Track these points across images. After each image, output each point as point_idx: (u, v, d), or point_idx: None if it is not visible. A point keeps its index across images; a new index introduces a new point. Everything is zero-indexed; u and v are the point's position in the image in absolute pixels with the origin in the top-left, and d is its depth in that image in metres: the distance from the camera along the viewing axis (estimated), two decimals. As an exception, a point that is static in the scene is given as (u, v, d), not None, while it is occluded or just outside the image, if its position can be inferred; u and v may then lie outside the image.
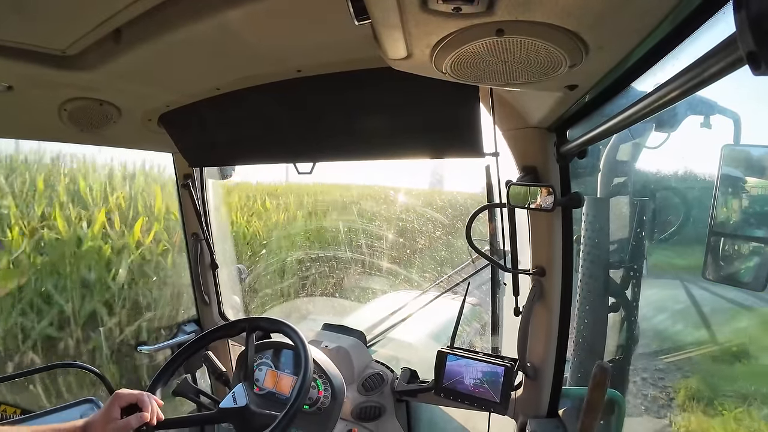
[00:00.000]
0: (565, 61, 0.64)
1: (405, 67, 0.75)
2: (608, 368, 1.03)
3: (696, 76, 0.47)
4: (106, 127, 1.38)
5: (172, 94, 1.31)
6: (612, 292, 1.93)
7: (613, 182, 1.95)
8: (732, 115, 1.96)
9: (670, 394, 3.32)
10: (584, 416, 1.04)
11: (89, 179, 3.64)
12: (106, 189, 3.65)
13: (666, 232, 2.45)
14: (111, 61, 0.98)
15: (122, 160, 3.94)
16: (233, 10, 0.80)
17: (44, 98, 1.19)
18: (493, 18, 0.56)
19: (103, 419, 1.01)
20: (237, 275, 2.25)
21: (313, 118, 1.31)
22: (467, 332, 2.24)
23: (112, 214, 3.51)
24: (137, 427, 1.02)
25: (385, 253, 3.46)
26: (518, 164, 1.20)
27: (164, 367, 1.30)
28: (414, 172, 7.03)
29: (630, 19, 0.55)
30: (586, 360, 1.90)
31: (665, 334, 3.66)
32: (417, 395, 1.50)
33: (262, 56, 1.06)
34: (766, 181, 1.92)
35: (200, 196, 1.89)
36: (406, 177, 6.01)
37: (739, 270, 1.83)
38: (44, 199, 3.30)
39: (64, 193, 3.43)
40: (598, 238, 1.86)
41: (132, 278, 3.44)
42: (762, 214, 1.82)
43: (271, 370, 1.45)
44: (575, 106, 0.93)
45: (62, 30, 0.87)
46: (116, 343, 3.31)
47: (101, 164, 3.85)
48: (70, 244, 3.23)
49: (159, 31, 0.87)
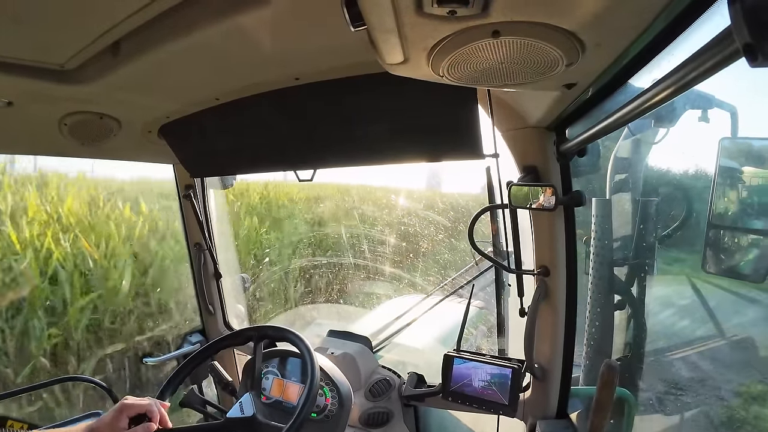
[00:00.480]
0: (562, 60, 0.65)
1: (402, 71, 0.75)
2: (616, 366, 1.02)
3: (693, 70, 0.47)
4: (107, 140, 1.39)
5: (172, 105, 1.31)
6: (620, 292, 1.92)
7: (615, 179, 1.94)
8: (729, 108, 1.96)
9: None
10: (593, 416, 1.03)
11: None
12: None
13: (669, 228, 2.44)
14: (110, 73, 0.98)
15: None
16: (230, 20, 0.80)
17: (44, 113, 1.19)
18: (489, 20, 0.56)
19: (108, 428, 0.99)
20: (240, 284, 2.25)
21: (312, 125, 1.31)
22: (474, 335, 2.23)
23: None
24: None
25: (388, 257, 3.45)
26: (518, 164, 1.20)
27: (172, 376, 1.30)
28: (413, 172, 7.02)
29: (626, 15, 0.55)
30: (599, 361, 1.88)
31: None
32: (425, 400, 1.49)
33: (261, 65, 1.06)
34: (763, 172, 1.91)
35: (202, 206, 1.90)
36: (405, 177, 6.01)
37: (738, 262, 1.83)
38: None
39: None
40: (608, 239, 1.86)
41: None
42: (760, 206, 1.81)
43: (278, 379, 1.45)
44: (573, 104, 0.93)
45: (61, 44, 0.88)
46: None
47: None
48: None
49: (157, 43, 0.88)
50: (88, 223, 3.82)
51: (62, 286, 3.48)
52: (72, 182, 4.24)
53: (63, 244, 3.57)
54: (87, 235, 3.71)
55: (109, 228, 3.85)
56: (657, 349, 2.55)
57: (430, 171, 5.03)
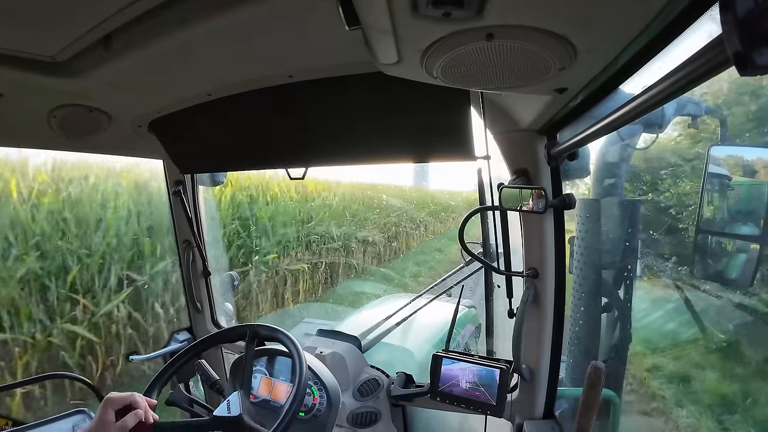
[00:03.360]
0: (554, 64, 0.65)
1: (396, 71, 0.75)
2: (602, 368, 1.03)
3: (684, 77, 0.47)
4: (96, 134, 1.37)
5: (163, 100, 1.30)
6: (604, 293, 1.95)
7: (604, 183, 1.97)
8: (718, 115, 2.00)
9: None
10: (580, 417, 1.04)
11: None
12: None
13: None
14: (101, 67, 0.97)
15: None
16: (224, 15, 0.80)
17: (33, 105, 1.17)
18: (483, 23, 0.56)
19: (98, 425, 0.99)
20: (229, 282, 2.23)
21: (305, 123, 1.31)
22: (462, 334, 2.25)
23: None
24: (134, 425, 1.01)
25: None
26: (509, 167, 1.21)
27: (160, 372, 1.28)
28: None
29: (618, 21, 0.55)
30: (582, 361, 1.90)
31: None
32: (413, 399, 1.50)
33: (254, 62, 1.05)
34: (750, 179, 1.95)
35: (192, 203, 1.88)
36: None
37: (726, 267, 1.86)
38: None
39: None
40: (591, 239, 1.88)
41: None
42: (747, 212, 1.85)
43: (266, 378, 1.44)
44: (565, 108, 0.94)
45: (51, 36, 0.86)
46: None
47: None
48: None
49: (149, 37, 0.87)
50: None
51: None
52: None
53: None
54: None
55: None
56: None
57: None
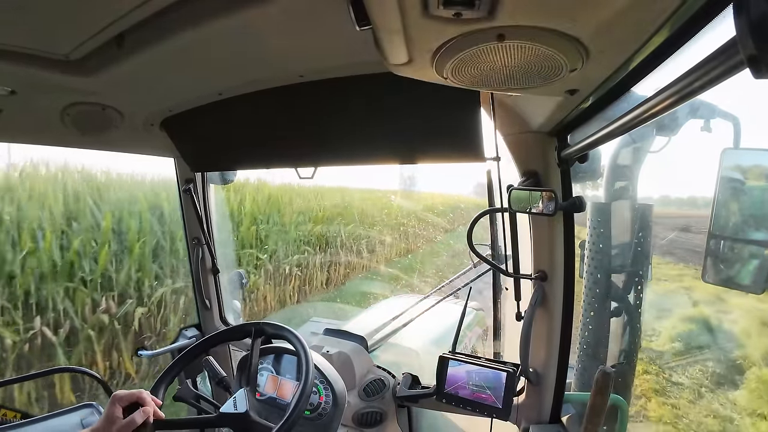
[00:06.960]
0: (566, 65, 0.65)
1: (406, 72, 0.75)
2: (611, 373, 1.02)
3: (697, 79, 0.47)
4: (109, 131, 1.39)
5: (175, 99, 1.31)
6: (614, 297, 1.92)
7: (615, 186, 1.94)
8: (732, 118, 1.96)
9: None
10: (587, 422, 1.03)
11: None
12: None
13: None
14: (114, 65, 0.98)
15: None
16: (236, 15, 0.80)
17: (47, 103, 1.19)
18: (494, 23, 0.56)
19: (106, 422, 1.01)
20: (237, 280, 2.25)
21: (314, 123, 1.31)
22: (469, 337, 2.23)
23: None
24: (141, 422, 1.02)
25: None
26: (519, 169, 1.20)
27: (168, 368, 1.30)
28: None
29: (631, 24, 0.55)
30: (591, 366, 1.88)
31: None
32: (418, 401, 1.49)
33: (265, 61, 1.06)
34: (765, 183, 1.92)
35: (202, 201, 1.90)
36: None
37: (738, 273, 1.83)
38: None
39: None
40: (603, 243, 1.86)
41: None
42: (761, 217, 1.82)
43: (272, 376, 1.45)
44: (576, 110, 0.93)
45: (65, 35, 0.88)
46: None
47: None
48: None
49: (161, 36, 0.88)
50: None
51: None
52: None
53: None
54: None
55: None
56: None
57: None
